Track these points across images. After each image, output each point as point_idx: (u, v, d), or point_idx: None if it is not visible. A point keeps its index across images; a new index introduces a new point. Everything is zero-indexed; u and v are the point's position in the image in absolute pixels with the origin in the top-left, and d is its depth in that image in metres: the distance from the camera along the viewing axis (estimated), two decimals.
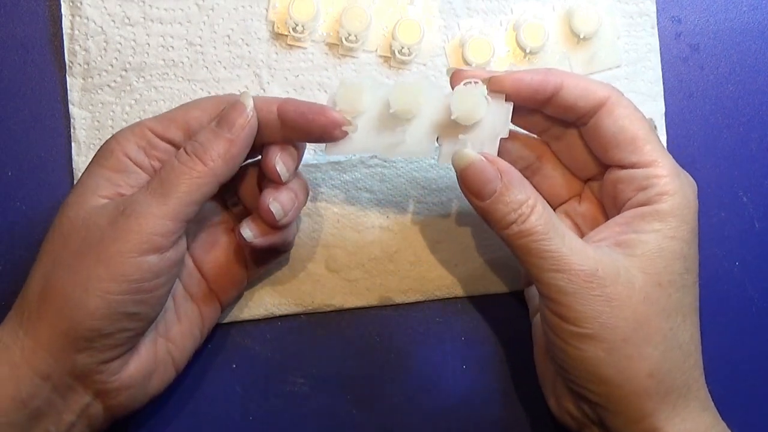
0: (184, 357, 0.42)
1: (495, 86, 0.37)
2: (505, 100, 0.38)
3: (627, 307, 0.35)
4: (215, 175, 0.37)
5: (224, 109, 0.38)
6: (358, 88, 0.38)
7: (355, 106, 0.38)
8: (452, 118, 0.37)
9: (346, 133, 0.38)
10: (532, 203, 0.36)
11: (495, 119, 0.38)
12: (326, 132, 0.38)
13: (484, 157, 0.36)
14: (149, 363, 0.39)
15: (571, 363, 0.36)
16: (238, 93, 0.39)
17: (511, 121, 0.38)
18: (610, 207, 0.40)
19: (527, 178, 0.39)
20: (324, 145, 0.39)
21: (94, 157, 0.38)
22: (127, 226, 0.35)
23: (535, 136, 0.42)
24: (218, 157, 0.37)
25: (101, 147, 0.38)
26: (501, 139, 0.38)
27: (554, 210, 0.42)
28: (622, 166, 0.38)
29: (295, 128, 0.38)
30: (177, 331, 0.41)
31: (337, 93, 0.38)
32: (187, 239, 0.39)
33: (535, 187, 0.39)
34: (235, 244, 0.43)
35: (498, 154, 0.38)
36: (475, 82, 0.37)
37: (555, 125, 0.40)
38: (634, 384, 0.35)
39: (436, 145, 0.39)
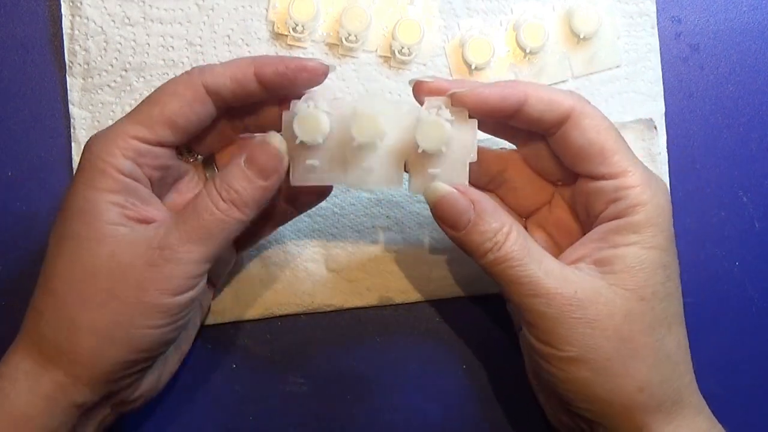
0: (189, 343, 0.43)
1: (457, 104, 0.37)
2: (469, 116, 0.37)
3: (609, 327, 0.35)
4: (248, 220, 0.37)
5: (253, 148, 0.36)
6: (315, 118, 0.36)
7: (315, 137, 0.36)
8: (419, 151, 0.36)
9: (326, 73, 0.37)
10: (507, 230, 0.36)
11: (462, 142, 0.37)
12: (312, 84, 0.37)
13: (456, 188, 0.36)
14: (161, 367, 0.40)
15: (560, 384, 0.36)
16: None
17: (478, 129, 0.37)
18: (583, 217, 0.39)
19: (493, 191, 0.39)
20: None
21: (80, 176, 0.36)
22: (168, 272, 0.35)
23: (499, 148, 0.42)
24: (254, 204, 0.36)
25: (84, 164, 0.36)
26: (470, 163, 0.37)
27: (526, 221, 0.42)
28: (592, 178, 0.37)
29: (278, 88, 0.37)
30: None
31: (295, 122, 0.36)
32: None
33: (502, 199, 0.39)
34: None
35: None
36: (439, 108, 0.36)
37: (522, 133, 0.39)
38: (625, 400, 0.35)
39: (405, 173, 0.38)
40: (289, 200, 0.42)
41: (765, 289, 0.46)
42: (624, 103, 0.47)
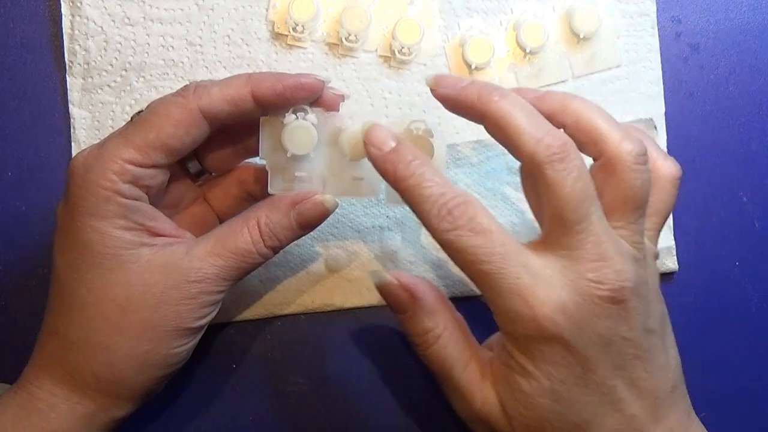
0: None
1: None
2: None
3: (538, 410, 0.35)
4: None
5: (307, 206, 0.37)
6: (305, 130, 0.37)
7: (304, 149, 0.37)
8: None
9: (322, 88, 0.38)
10: (438, 333, 0.37)
11: (439, 155, 0.38)
12: (309, 99, 0.38)
13: (398, 279, 0.38)
14: None
15: None
16: None
17: None
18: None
19: None
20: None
21: (80, 206, 0.35)
22: (201, 302, 0.37)
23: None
24: (284, 245, 0.38)
25: (80, 192, 0.35)
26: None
27: None
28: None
29: (274, 106, 0.37)
30: None
31: (284, 134, 0.37)
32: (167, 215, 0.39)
33: None
34: (206, 206, 0.42)
35: None
36: (420, 130, 0.37)
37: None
38: None
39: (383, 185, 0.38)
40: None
41: (765, 289, 0.46)
42: (624, 103, 0.47)
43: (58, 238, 0.37)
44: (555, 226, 0.34)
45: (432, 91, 0.37)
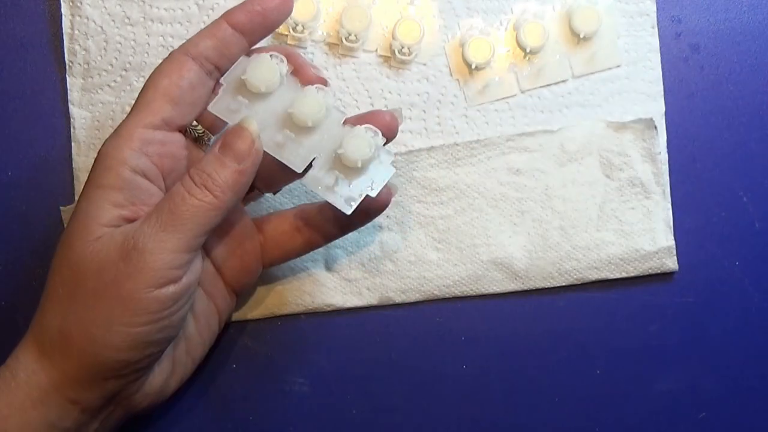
0: (203, 351, 0.42)
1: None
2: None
3: None
4: (225, 206, 0.36)
5: (227, 134, 0.36)
6: (270, 69, 0.37)
7: (261, 87, 0.37)
8: (339, 151, 0.37)
9: (290, 5, 0.39)
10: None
11: (377, 174, 0.38)
12: (283, 15, 0.38)
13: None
14: (168, 368, 0.39)
15: None
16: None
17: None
18: None
19: None
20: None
21: (89, 175, 0.37)
22: (141, 263, 0.34)
23: None
24: (228, 188, 0.36)
25: (95, 164, 0.37)
26: (367, 196, 0.38)
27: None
28: None
29: (253, 31, 0.38)
30: (194, 331, 0.41)
31: (250, 62, 0.37)
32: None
33: None
34: (249, 233, 0.42)
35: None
36: (374, 131, 0.38)
37: None
38: None
39: (309, 162, 0.38)
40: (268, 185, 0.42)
41: (765, 289, 0.46)
42: (624, 103, 0.47)
43: None
44: None
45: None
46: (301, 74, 0.39)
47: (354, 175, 0.38)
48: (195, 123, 0.39)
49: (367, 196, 0.38)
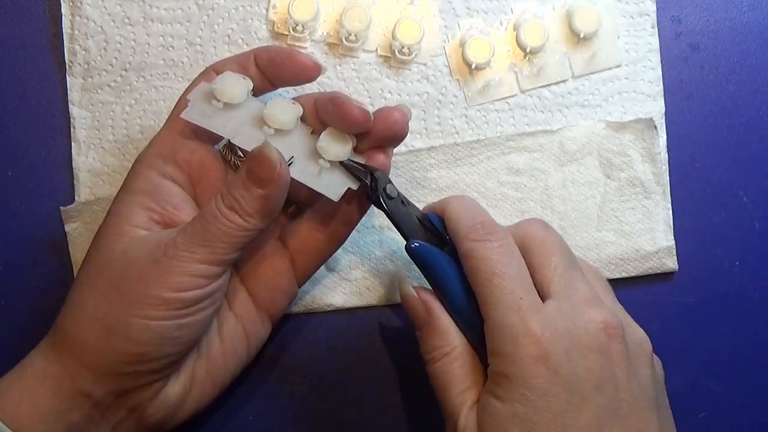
0: (227, 376, 0.41)
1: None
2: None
3: None
4: (255, 228, 0.37)
5: (249, 159, 0.37)
6: (239, 84, 0.39)
7: (232, 99, 0.38)
8: (319, 145, 0.39)
9: (319, 72, 0.40)
10: (445, 352, 0.37)
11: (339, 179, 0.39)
12: (301, 78, 0.40)
13: (418, 292, 0.39)
14: (186, 383, 0.39)
15: None
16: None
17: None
18: None
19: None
20: None
21: (124, 179, 0.39)
22: (169, 268, 0.36)
23: None
24: (255, 213, 0.37)
25: (130, 169, 0.39)
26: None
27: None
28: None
29: (270, 75, 0.40)
30: (218, 351, 0.40)
31: (217, 82, 0.39)
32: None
33: None
34: (278, 251, 0.42)
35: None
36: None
37: None
38: None
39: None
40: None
41: (765, 289, 0.46)
42: (624, 103, 0.47)
43: None
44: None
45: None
46: (344, 111, 0.39)
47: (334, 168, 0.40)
48: (241, 154, 0.41)
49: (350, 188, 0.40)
